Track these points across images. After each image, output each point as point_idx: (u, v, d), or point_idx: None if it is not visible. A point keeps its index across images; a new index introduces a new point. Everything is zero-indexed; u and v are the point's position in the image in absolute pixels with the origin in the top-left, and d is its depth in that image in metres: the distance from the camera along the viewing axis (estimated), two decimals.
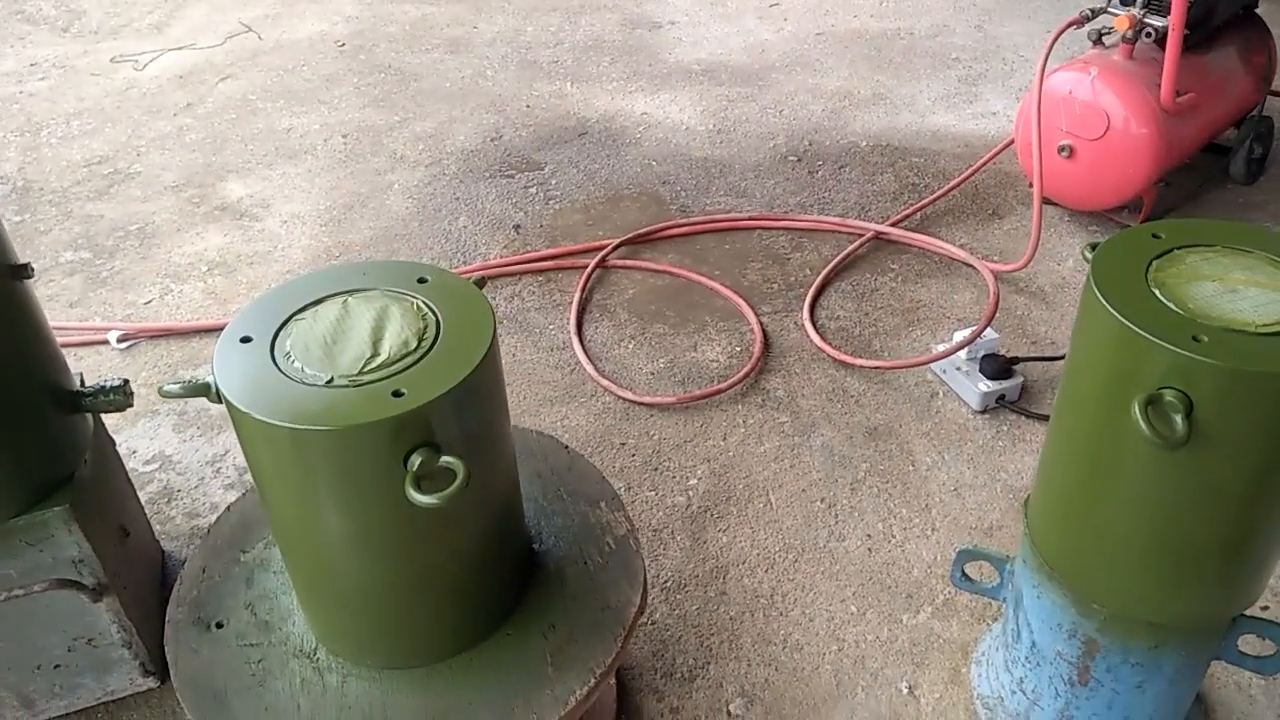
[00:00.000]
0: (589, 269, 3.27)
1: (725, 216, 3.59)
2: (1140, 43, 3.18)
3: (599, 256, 3.33)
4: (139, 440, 2.68)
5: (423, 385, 1.31)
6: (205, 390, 1.37)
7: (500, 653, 1.58)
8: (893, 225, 3.47)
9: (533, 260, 3.37)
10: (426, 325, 1.42)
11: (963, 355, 2.76)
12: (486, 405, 1.44)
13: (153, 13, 5.49)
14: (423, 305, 1.46)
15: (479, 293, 1.49)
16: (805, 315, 3.04)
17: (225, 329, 1.43)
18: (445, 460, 1.30)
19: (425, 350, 1.38)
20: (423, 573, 1.48)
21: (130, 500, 2.15)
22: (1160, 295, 1.40)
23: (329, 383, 1.32)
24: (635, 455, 2.60)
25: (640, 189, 3.80)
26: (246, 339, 1.40)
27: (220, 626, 1.62)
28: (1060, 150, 3.25)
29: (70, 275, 3.36)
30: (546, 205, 3.70)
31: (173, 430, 2.71)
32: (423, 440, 1.30)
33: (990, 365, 2.72)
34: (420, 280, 1.51)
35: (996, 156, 3.60)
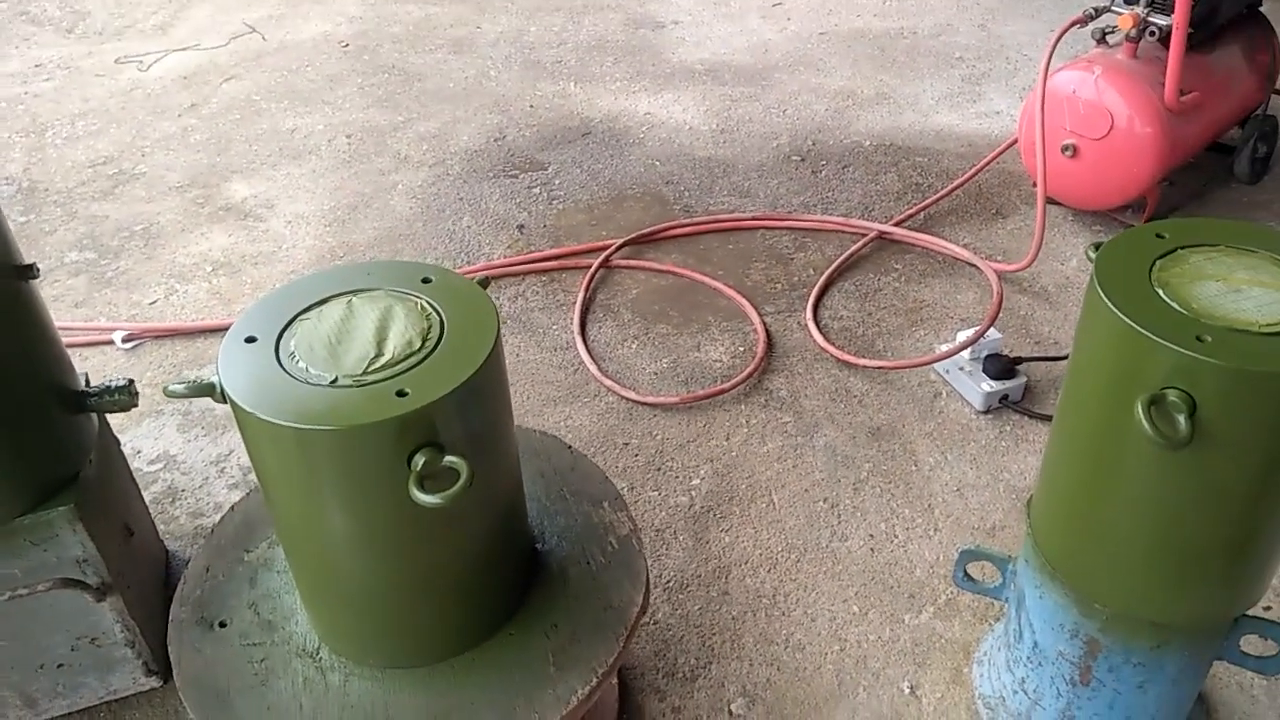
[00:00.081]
0: (592, 269, 3.28)
1: (729, 216, 3.59)
2: (1144, 41, 3.17)
3: (602, 256, 3.33)
4: (144, 440, 2.69)
5: (427, 385, 1.31)
6: (210, 390, 1.37)
7: (503, 652, 1.58)
8: (896, 225, 3.47)
9: (536, 260, 3.37)
10: (430, 325, 1.42)
11: (966, 355, 2.76)
12: (490, 405, 1.44)
13: (157, 14, 5.50)
14: (427, 305, 1.46)
15: (483, 293, 1.50)
16: (808, 315, 3.04)
17: (230, 329, 1.43)
18: (449, 460, 1.30)
19: (429, 350, 1.38)
20: (426, 572, 1.48)
21: (135, 500, 2.16)
22: (1164, 295, 1.40)
23: (333, 383, 1.33)
24: (638, 455, 2.61)
25: (644, 189, 3.81)
26: (251, 339, 1.41)
27: (223, 626, 1.62)
28: (1064, 150, 3.25)
29: (75, 275, 3.37)
30: (550, 205, 3.71)
31: (177, 430, 2.72)
32: (426, 440, 1.30)
33: (993, 365, 2.72)
34: (424, 280, 1.51)
35: (1000, 156, 3.60)
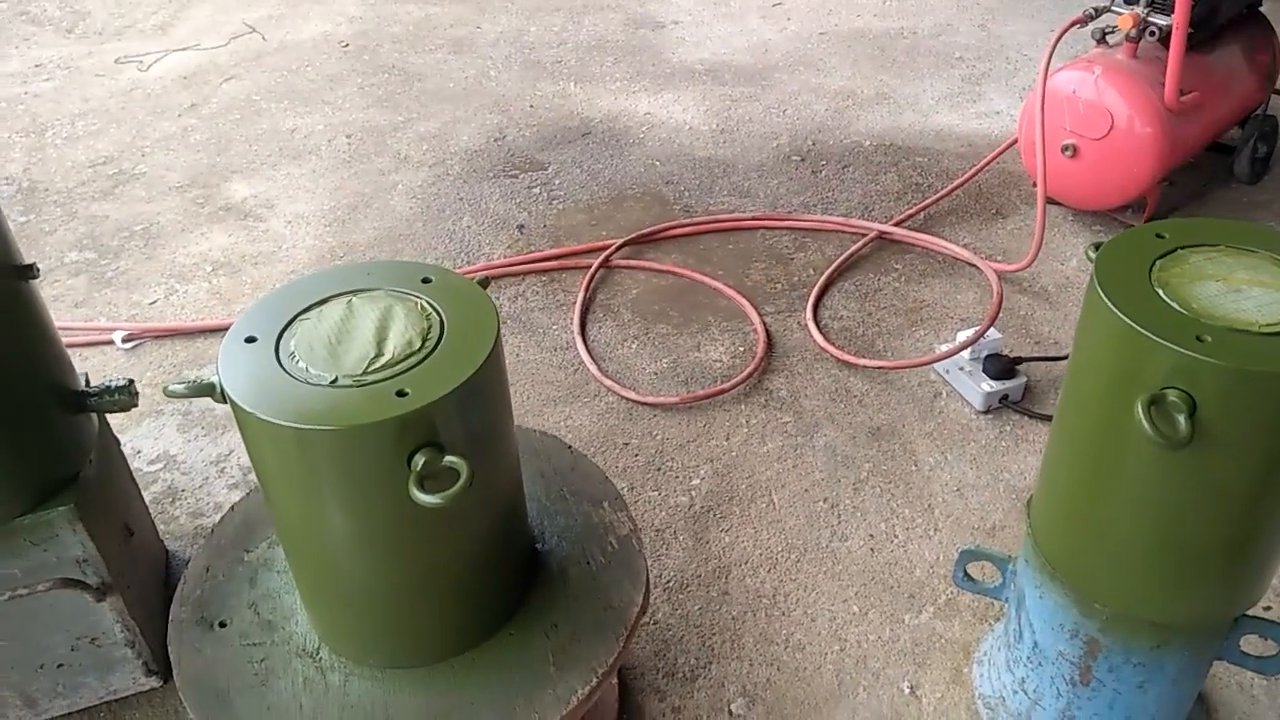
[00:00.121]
0: (592, 269, 3.28)
1: (729, 216, 3.59)
2: (1144, 41, 3.17)
3: (602, 256, 3.33)
4: (144, 440, 2.69)
5: (427, 385, 1.31)
6: (210, 390, 1.37)
7: (503, 652, 1.58)
8: (896, 225, 3.47)
9: (536, 260, 3.37)
10: (430, 325, 1.42)
11: (966, 355, 2.76)
12: (490, 405, 1.44)
13: (157, 14, 5.50)
14: (427, 305, 1.46)
15: (483, 293, 1.50)
16: (808, 315, 3.04)
17: (230, 329, 1.43)
18: (449, 460, 1.30)
19: (429, 350, 1.38)
20: (426, 572, 1.48)
21: (135, 500, 2.16)
22: (1164, 295, 1.40)
23: (333, 383, 1.33)
24: (638, 455, 2.61)
25: (644, 189, 3.81)
26: (251, 339, 1.41)
27: (223, 626, 1.62)
28: (1064, 150, 3.25)
29: (75, 275, 3.37)
30: (550, 205, 3.71)
31: (177, 430, 2.72)
32: (426, 440, 1.30)
33: (993, 365, 2.72)
34: (424, 280, 1.51)
35: (1000, 156, 3.60)
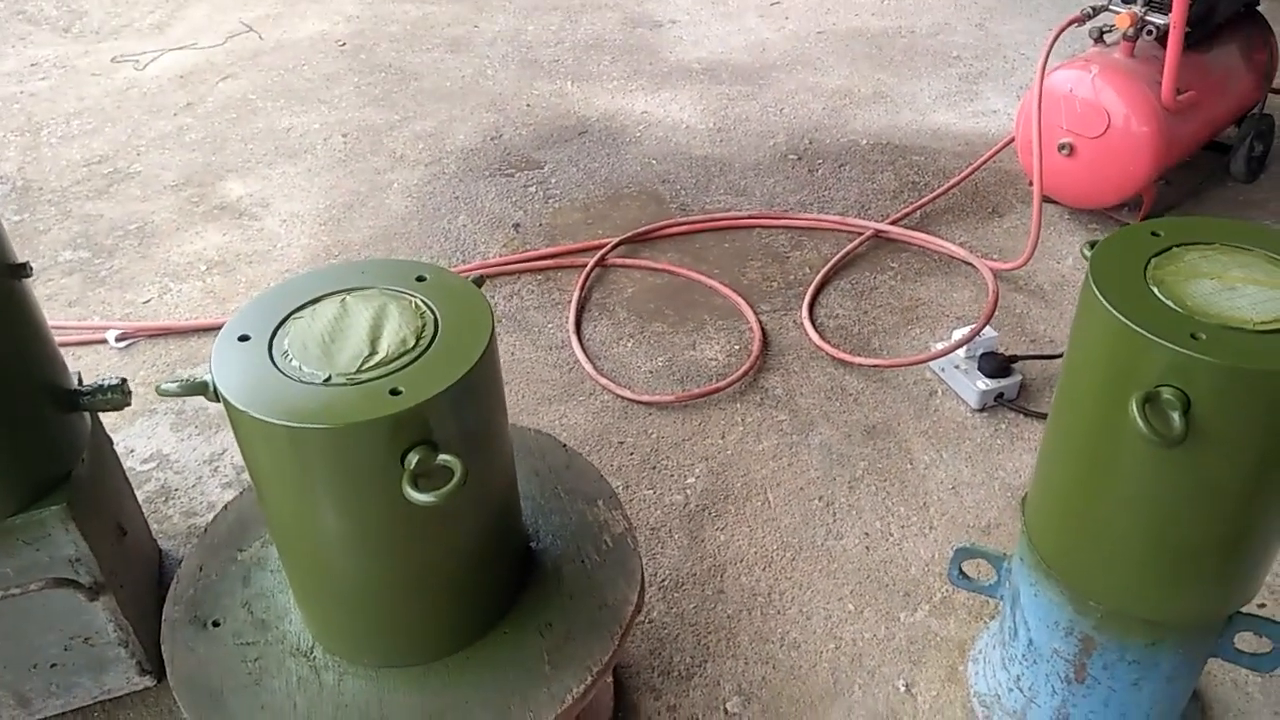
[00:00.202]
0: (588, 268, 3.27)
1: (725, 215, 3.59)
2: (1141, 40, 3.17)
3: (598, 255, 3.33)
4: (137, 439, 2.68)
5: (420, 383, 1.31)
6: (203, 389, 1.37)
7: (497, 651, 1.58)
8: (892, 224, 3.47)
9: (532, 259, 3.37)
10: (425, 324, 1.42)
11: (961, 353, 2.76)
12: (484, 403, 1.44)
13: (154, 13, 5.49)
14: (421, 304, 1.46)
15: (477, 291, 1.49)
16: (804, 313, 3.04)
17: (223, 328, 1.43)
18: (443, 458, 1.30)
19: (423, 349, 1.38)
20: (420, 571, 1.48)
21: (127, 499, 2.15)
22: (1158, 293, 1.40)
23: (326, 381, 1.32)
24: (633, 454, 2.60)
25: (640, 188, 3.80)
26: (244, 337, 1.41)
27: (217, 625, 1.62)
28: (1060, 148, 3.25)
29: (69, 274, 3.36)
30: (546, 204, 3.70)
31: (170, 429, 2.71)
32: (420, 438, 1.30)
33: (989, 363, 2.72)
34: (419, 279, 1.51)
35: (997, 155, 3.60)
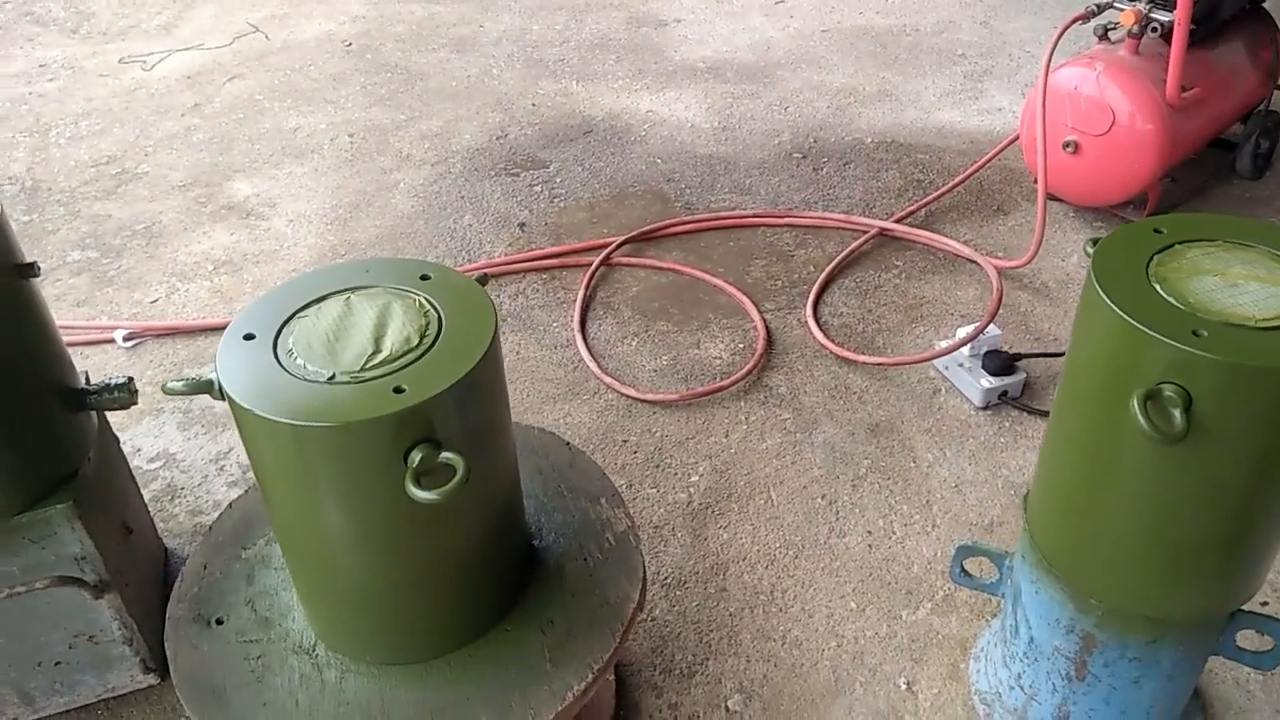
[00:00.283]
0: (593, 266, 3.28)
1: (730, 214, 3.59)
2: (1146, 38, 3.16)
3: (603, 254, 3.34)
4: (143, 438, 2.69)
5: (424, 382, 1.32)
6: (208, 387, 1.38)
7: (499, 648, 1.58)
8: (897, 222, 3.47)
9: (537, 258, 3.37)
10: (429, 322, 1.43)
11: (965, 351, 2.76)
12: (487, 402, 1.45)
13: (161, 14, 5.51)
14: (425, 302, 1.47)
15: (481, 290, 1.50)
16: (808, 312, 3.04)
17: (229, 326, 1.44)
18: (446, 456, 1.30)
19: (427, 347, 1.38)
20: (422, 569, 1.48)
21: (133, 498, 2.16)
22: (1161, 290, 1.40)
23: (331, 379, 1.33)
24: (637, 452, 2.61)
25: (645, 186, 3.81)
26: (250, 336, 1.41)
27: (220, 623, 1.63)
28: (1065, 146, 3.24)
29: (77, 274, 3.38)
30: (551, 203, 3.71)
31: (177, 428, 2.73)
32: (423, 436, 1.31)
33: (993, 361, 2.71)
34: (423, 277, 1.51)
35: (1001, 153, 3.59)
